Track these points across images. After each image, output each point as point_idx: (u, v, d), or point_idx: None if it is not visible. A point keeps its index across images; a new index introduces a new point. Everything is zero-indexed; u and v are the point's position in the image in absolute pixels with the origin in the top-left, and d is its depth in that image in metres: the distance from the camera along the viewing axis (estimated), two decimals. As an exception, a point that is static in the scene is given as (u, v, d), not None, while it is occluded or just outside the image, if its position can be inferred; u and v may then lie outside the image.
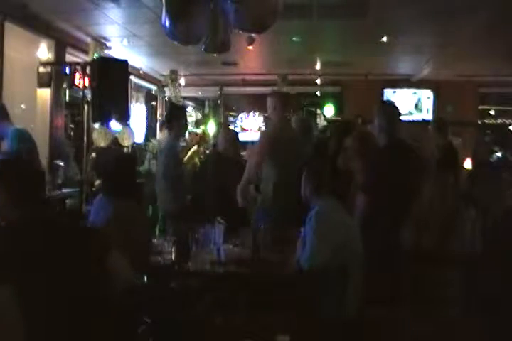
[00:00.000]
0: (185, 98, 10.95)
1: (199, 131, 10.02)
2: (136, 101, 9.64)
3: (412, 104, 10.32)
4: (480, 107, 10.73)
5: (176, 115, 4.98)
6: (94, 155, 6.42)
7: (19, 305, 1.67)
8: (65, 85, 6.46)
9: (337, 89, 10.61)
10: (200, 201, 4.88)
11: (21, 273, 1.71)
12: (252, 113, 11.65)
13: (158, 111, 10.52)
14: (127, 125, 7.46)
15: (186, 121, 5.40)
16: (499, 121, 12.09)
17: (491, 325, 2.60)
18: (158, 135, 9.25)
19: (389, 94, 10.24)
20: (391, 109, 3.95)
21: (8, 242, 1.78)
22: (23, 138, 4.33)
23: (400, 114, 3.96)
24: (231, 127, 10.03)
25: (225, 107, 11.83)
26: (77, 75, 6.28)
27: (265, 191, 4.29)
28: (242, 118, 11.82)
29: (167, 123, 5.09)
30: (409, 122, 9.33)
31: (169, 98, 10.04)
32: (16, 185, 1.89)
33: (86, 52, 6.79)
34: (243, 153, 6.57)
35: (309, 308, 2.86)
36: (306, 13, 5.61)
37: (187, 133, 6.95)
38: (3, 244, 1.78)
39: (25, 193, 1.89)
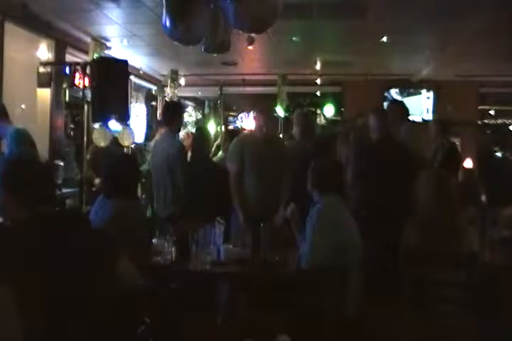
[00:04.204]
0: (185, 98, 10.93)
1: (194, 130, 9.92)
2: (136, 101, 9.63)
3: (413, 104, 10.29)
4: (480, 107, 10.70)
5: (175, 111, 4.93)
6: (89, 156, 6.39)
7: (18, 305, 1.66)
8: (65, 85, 6.45)
9: (337, 89, 10.59)
10: (199, 201, 4.86)
11: (21, 274, 1.71)
12: (252, 113, 11.63)
13: (158, 111, 10.50)
14: (127, 125, 7.46)
15: (183, 117, 5.40)
16: (499, 121, 12.09)
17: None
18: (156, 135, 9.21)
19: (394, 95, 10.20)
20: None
21: (8, 242, 1.78)
22: (23, 138, 4.32)
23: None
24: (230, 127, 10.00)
25: (225, 107, 11.83)
26: (77, 75, 6.27)
27: None
28: (242, 118, 11.81)
29: (167, 119, 4.98)
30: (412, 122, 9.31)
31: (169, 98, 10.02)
32: (22, 184, 1.88)
33: (86, 52, 6.78)
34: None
35: (309, 308, 2.86)
36: (305, 13, 5.61)
37: (181, 133, 6.89)
38: (4, 244, 1.77)
39: (30, 193, 1.88)
